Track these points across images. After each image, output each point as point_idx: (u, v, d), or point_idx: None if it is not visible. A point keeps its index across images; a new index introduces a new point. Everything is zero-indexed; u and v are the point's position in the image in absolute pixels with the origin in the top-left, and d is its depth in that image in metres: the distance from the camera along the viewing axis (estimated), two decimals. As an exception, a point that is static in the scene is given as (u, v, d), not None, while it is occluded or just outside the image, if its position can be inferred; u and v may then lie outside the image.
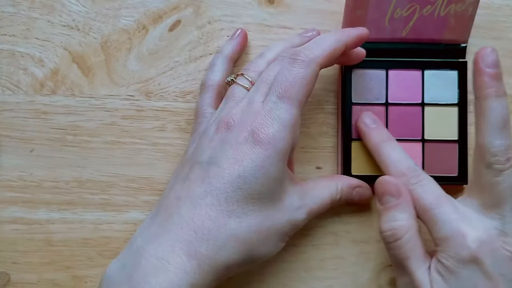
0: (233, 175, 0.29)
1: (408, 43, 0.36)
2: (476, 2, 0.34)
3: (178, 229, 0.29)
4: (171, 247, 0.28)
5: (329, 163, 0.37)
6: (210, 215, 0.29)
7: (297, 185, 0.33)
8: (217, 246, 0.29)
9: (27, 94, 0.37)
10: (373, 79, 0.36)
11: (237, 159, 0.29)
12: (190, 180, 0.30)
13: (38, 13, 0.38)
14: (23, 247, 0.37)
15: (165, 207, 0.30)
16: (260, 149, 0.29)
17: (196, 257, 0.28)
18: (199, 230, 0.29)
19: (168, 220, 0.29)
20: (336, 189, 0.34)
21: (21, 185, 0.37)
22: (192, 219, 0.29)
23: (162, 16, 0.38)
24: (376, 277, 0.37)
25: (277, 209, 0.31)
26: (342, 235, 0.37)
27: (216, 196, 0.29)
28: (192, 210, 0.29)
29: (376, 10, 0.34)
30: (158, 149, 0.37)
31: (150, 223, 0.31)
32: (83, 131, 0.37)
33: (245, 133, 0.30)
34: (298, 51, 0.31)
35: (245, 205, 0.29)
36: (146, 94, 0.37)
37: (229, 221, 0.29)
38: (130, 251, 0.30)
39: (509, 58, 0.37)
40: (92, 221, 0.37)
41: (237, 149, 0.30)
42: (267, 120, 0.30)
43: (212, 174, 0.30)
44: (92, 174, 0.37)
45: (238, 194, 0.29)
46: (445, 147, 0.36)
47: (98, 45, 0.38)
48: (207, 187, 0.29)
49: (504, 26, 0.37)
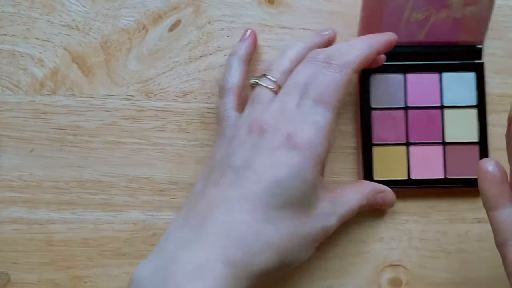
0: (269, 180, 0.29)
1: (425, 46, 0.36)
2: (492, 3, 0.34)
3: (213, 235, 0.28)
4: (206, 253, 0.28)
5: (329, 163, 0.37)
6: (245, 221, 0.28)
7: (328, 191, 0.32)
8: (253, 253, 0.28)
9: (27, 94, 0.37)
10: (392, 83, 0.36)
11: (273, 164, 0.29)
12: (223, 184, 0.30)
13: (38, 13, 0.38)
14: (23, 247, 0.37)
15: (197, 211, 0.30)
16: (297, 154, 0.29)
17: (231, 264, 0.27)
18: (234, 237, 0.28)
19: (202, 225, 0.29)
20: (363, 194, 0.34)
21: (21, 185, 0.37)
22: (227, 225, 0.28)
23: (162, 16, 0.38)
24: (376, 277, 0.37)
25: (311, 215, 0.30)
26: (342, 235, 0.37)
27: (251, 201, 0.29)
28: (227, 215, 0.29)
29: (392, 14, 0.34)
30: (158, 149, 0.37)
31: (182, 227, 0.30)
32: (83, 131, 0.37)
33: (281, 137, 0.29)
34: (332, 55, 0.31)
35: (281, 212, 0.29)
36: (146, 94, 0.37)
37: (264, 227, 0.28)
38: (162, 255, 0.29)
39: (509, 58, 0.37)
40: (92, 221, 0.37)
41: (272, 153, 0.29)
42: (303, 125, 0.30)
43: (247, 178, 0.29)
44: (92, 174, 0.37)
45: (274, 200, 0.29)
46: (466, 149, 0.36)
47: (98, 45, 0.38)
48: (242, 192, 0.29)
49: (504, 26, 0.37)
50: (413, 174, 0.36)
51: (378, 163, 0.36)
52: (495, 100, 0.37)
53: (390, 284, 0.37)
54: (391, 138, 0.36)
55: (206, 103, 0.37)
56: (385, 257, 0.37)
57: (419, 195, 0.37)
